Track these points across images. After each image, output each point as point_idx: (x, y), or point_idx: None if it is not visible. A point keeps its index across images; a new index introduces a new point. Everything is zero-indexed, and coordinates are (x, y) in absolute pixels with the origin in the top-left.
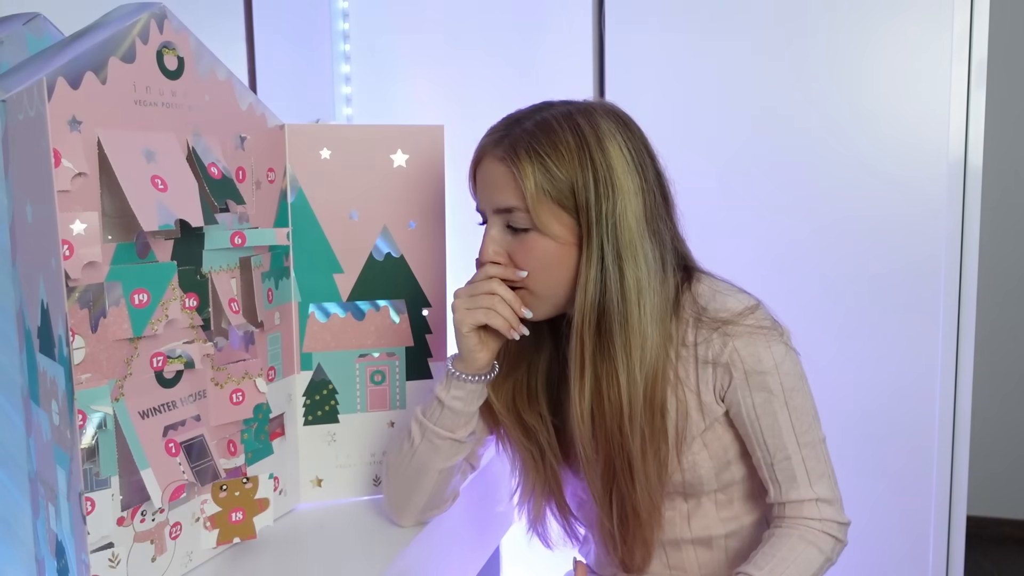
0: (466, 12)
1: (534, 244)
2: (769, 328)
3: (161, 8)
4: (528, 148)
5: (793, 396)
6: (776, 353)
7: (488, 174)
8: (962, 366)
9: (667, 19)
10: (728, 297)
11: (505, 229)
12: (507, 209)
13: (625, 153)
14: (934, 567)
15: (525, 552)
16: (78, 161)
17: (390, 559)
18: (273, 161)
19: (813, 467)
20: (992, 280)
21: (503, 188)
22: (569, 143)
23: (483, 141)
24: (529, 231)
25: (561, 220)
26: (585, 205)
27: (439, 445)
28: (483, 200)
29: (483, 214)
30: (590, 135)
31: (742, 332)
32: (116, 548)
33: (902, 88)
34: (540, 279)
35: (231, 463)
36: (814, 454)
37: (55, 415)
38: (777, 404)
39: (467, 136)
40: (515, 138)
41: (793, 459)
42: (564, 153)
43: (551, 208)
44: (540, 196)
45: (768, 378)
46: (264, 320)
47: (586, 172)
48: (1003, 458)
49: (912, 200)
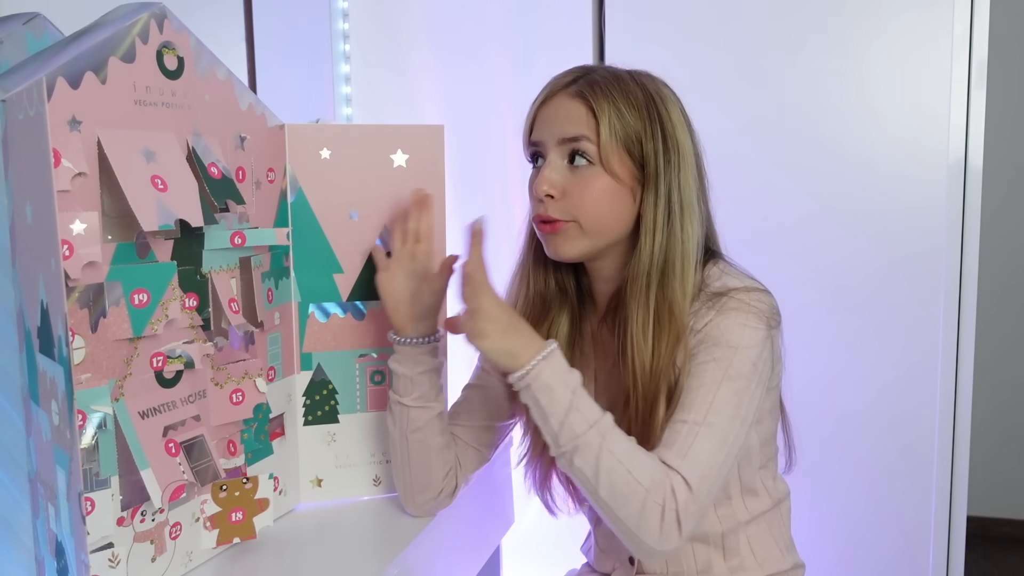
0: (466, 12)
1: (595, 179)
2: (759, 312)
3: (161, 8)
4: (604, 90)
5: (735, 381)
6: (748, 336)
7: (559, 107)
8: (962, 365)
9: (667, 19)
10: (732, 278)
11: (566, 162)
12: (575, 138)
13: (683, 118)
14: (934, 567)
15: (525, 552)
16: (78, 161)
17: (390, 559)
18: (273, 161)
19: (696, 447)
20: (992, 280)
21: (576, 120)
22: (638, 96)
23: (550, 83)
24: (592, 166)
25: (624, 163)
26: (653, 156)
27: (398, 412)
28: (547, 132)
29: (539, 151)
30: (655, 94)
31: (730, 306)
32: (116, 548)
33: (902, 88)
34: (592, 214)
35: (231, 463)
36: (708, 439)
37: (55, 415)
38: (712, 373)
39: (467, 136)
40: (591, 80)
41: (686, 425)
42: (634, 103)
43: (618, 150)
44: (611, 135)
45: (722, 349)
46: (264, 320)
47: (654, 125)
48: (1003, 458)
49: (912, 200)
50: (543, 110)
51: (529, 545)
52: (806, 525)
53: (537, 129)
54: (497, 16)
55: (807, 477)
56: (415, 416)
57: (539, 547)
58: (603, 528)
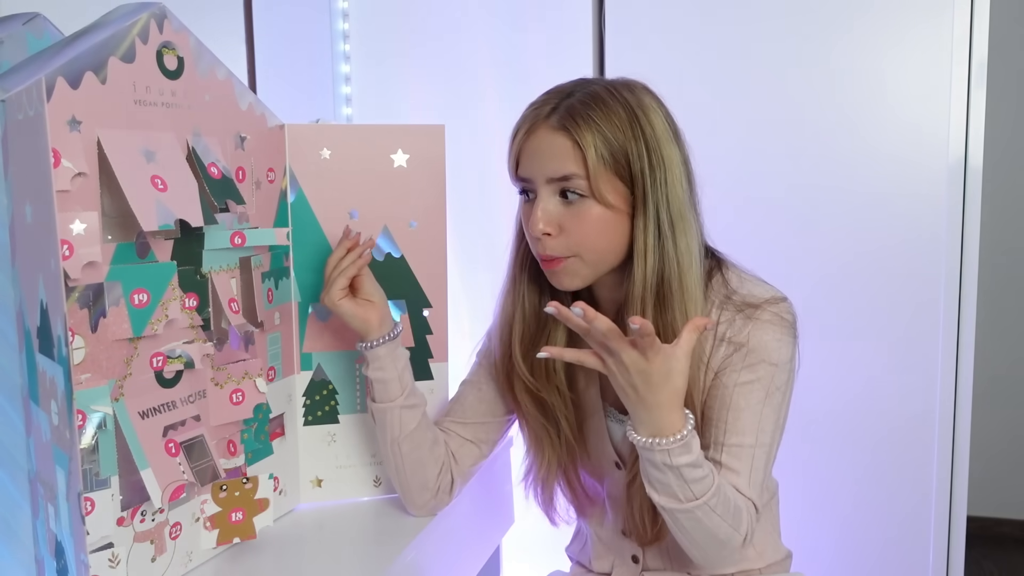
0: (466, 12)
1: (589, 212)
2: (790, 325)
3: (161, 8)
4: (585, 117)
5: (775, 396)
6: (784, 351)
7: (543, 143)
8: (962, 365)
9: (667, 19)
10: (756, 286)
11: (558, 199)
12: (564, 177)
13: (666, 126)
14: (934, 567)
15: (525, 552)
16: (78, 161)
17: (390, 559)
18: (273, 161)
19: (757, 469)
20: (992, 280)
21: (562, 156)
22: (620, 114)
23: (529, 114)
24: (585, 199)
25: (616, 189)
26: (640, 175)
27: (382, 419)
28: (534, 171)
29: (528, 187)
30: (636, 107)
31: (765, 319)
32: (116, 548)
33: (902, 88)
34: (592, 246)
35: (231, 463)
36: (763, 459)
37: (54, 415)
38: (758, 393)
39: (467, 136)
40: (570, 108)
41: (745, 449)
42: (617, 123)
43: (608, 176)
44: (599, 164)
45: (765, 367)
46: (264, 320)
47: (639, 143)
48: (1003, 458)
49: (912, 200)
50: (527, 145)
51: (529, 545)
52: (806, 525)
53: (524, 165)
54: (497, 16)
55: (807, 477)
56: (407, 419)
57: (539, 547)
58: (607, 529)
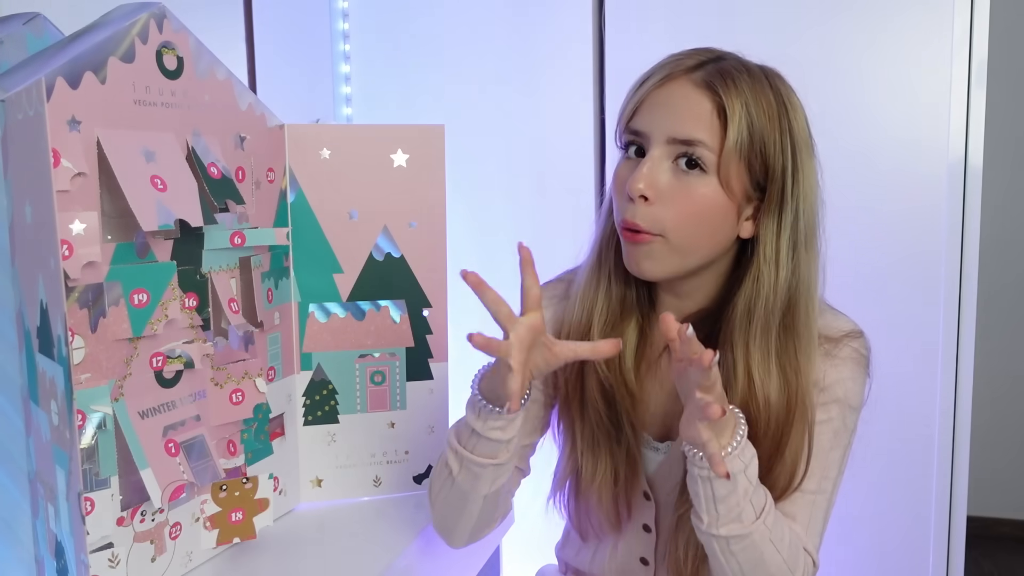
0: (466, 12)
1: (704, 189)
2: (867, 362)
3: (161, 8)
4: (738, 85)
5: (842, 438)
6: (860, 393)
7: (678, 96)
8: (962, 365)
9: (667, 19)
10: (834, 316)
11: (671, 164)
12: (691, 142)
13: (808, 134)
14: (934, 567)
15: (525, 552)
16: (77, 161)
17: (390, 559)
18: (273, 161)
19: (817, 519)
20: (992, 280)
21: (697, 117)
22: (771, 100)
23: (668, 62)
24: (705, 175)
25: (740, 177)
26: (781, 172)
27: (479, 472)
28: (655, 124)
29: (639, 142)
30: (786, 100)
31: (843, 355)
32: (116, 548)
33: (902, 88)
34: (690, 229)
35: (231, 463)
36: (823, 508)
37: (54, 415)
38: (827, 435)
39: (467, 136)
40: (722, 70)
41: (805, 496)
42: (765, 108)
43: (738, 161)
44: (737, 143)
45: (840, 409)
46: (264, 320)
47: (784, 137)
48: (1003, 458)
49: (912, 200)
50: (656, 94)
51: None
52: None
53: (642, 116)
54: (497, 16)
55: None
56: (505, 470)
57: (539, 547)
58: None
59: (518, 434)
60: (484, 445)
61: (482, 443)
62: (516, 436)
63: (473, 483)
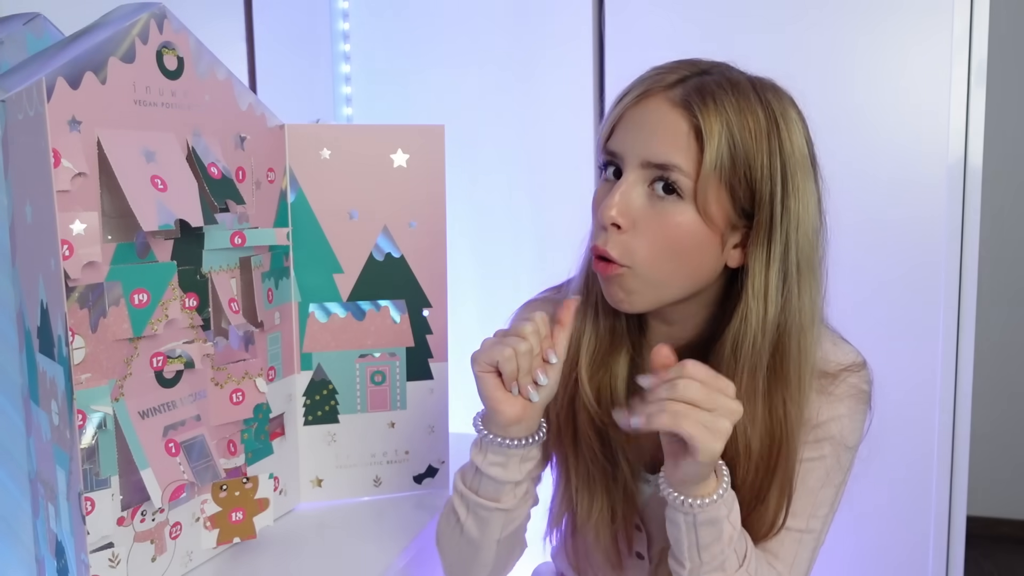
0: (466, 12)
1: (680, 217)
2: (867, 397)
3: (161, 8)
4: (718, 103)
5: (835, 477)
6: (857, 432)
7: (652, 117)
8: (962, 366)
9: (667, 19)
10: (835, 346)
11: (646, 189)
12: (665, 166)
13: (806, 152)
14: (934, 567)
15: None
16: (78, 161)
17: (390, 559)
18: (273, 161)
19: (802, 560)
20: (992, 281)
21: (672, 140)
22: (759, 117)
23: (648, 77)
24: (680, 201)
25: (720, 202)
26: (769, 198)
27: (487, 518)
28: (629, 146)
29: (615, 163)
30: (779, 115)
31: (842, 392)
32: (116, 548)
33: (902, 88)
34: (663, 261)
35: (231, 463)
36: (810, 548)
37: (55, 415)
38: (818, 473)
39: (467, 136)
40: (701, 86)
41: (791, 534)
42: (751, 128)
43: (718, 186)
44: (716, 167)
45: (833, 447)
46: (264, 320)
47: (773, 158)
48: (1003, 458)
49: (912, 201)
50: (632, 112)
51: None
52: None
53: (617, 136)
54: (497, 16)
55: None
56: (516, 515)
57: (539, 548)
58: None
59: (525, 478)
60: (487, 485)
61: (485, 482)
62: (523, 480)
63: (483, 528)
